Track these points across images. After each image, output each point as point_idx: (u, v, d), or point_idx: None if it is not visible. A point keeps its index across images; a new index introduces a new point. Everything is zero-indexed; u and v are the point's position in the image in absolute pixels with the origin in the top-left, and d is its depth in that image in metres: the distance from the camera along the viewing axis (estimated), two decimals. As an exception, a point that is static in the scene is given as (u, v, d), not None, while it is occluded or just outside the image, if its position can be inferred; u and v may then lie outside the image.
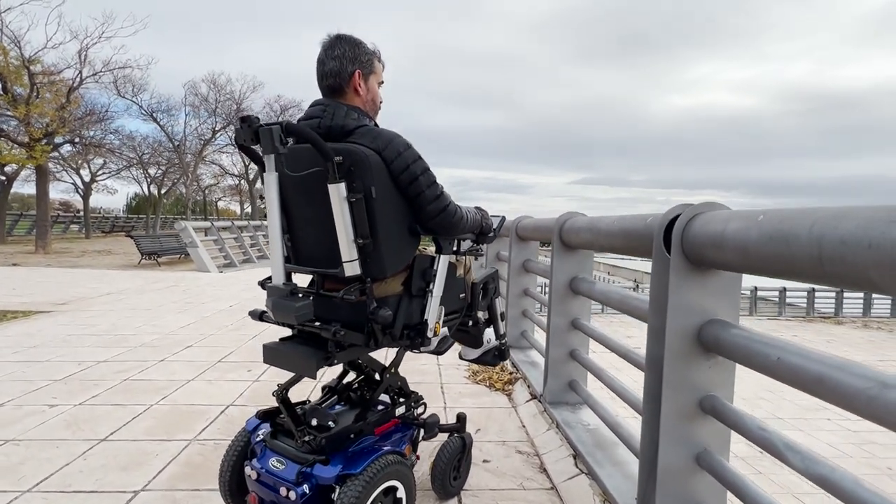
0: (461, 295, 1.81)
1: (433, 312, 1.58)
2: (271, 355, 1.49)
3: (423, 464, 1.84)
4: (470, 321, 1.90)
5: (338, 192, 1.32)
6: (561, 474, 1.93)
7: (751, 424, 1.18)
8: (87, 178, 27.06)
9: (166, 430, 2.28)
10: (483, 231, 1.79)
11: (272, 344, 1.51)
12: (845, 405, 0.89)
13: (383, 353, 1.59)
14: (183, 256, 12.63)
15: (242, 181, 31.24)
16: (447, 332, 1.72)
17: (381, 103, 1.63)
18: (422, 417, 1.72)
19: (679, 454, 1.37)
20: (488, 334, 2.05)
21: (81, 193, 27.31)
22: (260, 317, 1.54)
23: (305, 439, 1.38)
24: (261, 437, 1.49)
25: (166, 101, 24.69)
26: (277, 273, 1.42)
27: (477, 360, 2.10)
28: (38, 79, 15.34)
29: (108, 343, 3.89)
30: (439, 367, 3.41)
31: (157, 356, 3.52)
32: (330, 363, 1.42)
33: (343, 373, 1.75)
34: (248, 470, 1.43)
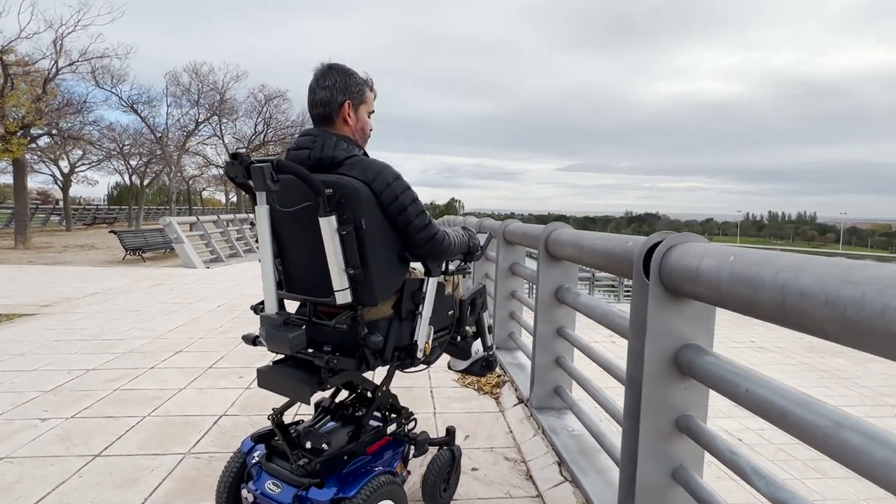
0: (450, 312, 1.86)
1: (423, 333, 1.63)
2: (265, 380, 1.53)
3: (414, 474, 1.91)
4: (458, 336, 1.96)
5: (329, 224, 1.35)
6: (546, 482, 2.01)
7: (722, 447, 1.25)
8: (67, 170, 26.44)
9: (160, 443, 2.31)
10: (470, 251, 1.84)
11: (266, 368, 1.55)
12: (805, 439, 0.96)
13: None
14: (168, 251, 12.49)
15: (227, 172, 30.75)
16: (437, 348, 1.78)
17: (370, 131, 1.65)
18: (412, 433, 1.78)
19: (656, 469, 1.44)
20: (476, 346, 2.11)
21: (61, 185, 26.70)
22: (253, 342, 1.57)
23: (300, 463, 1.43)
24: (256, 459, 1.54)
25: (147, 92, 24.12)
26: (270, 302, 1.45)
27: (465, 371, 2.17)
28: (12, 69, 14.87)
29: (97, 349, 3.88)
30: (428, 370, 3.47)
31: (147, 363, 3.53)
32: (323, 388, 1.47)
33: (336, 390, 1.80)
34: (244, 493, 1.48)
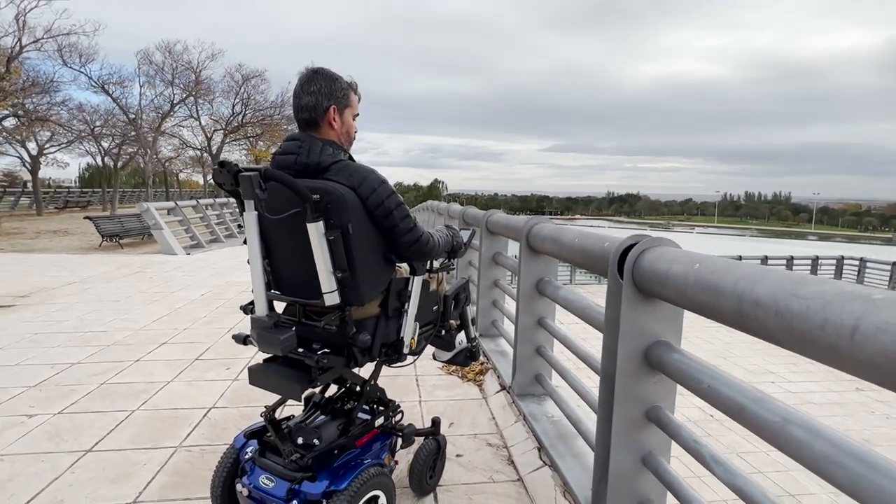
0: (434, 307, 1.93)
1: (409, 330, 1.70)
2: (257, 378, 1.59)
3: (402, 461, 1.99)
4: (443, 330, 2.03)
5: (317, 230, 1.39)
6: (526, 466, 2.12)
7: (686, 436, 1.36)
8: (35, 152, 25.46)
9: (151, 437, 2.35)
10: (454, 248, 1.90)
11: (257, 367, 1.60)
12: (758, 433, 1.06)
13: (362, 370, 1.70)
14: (146, 237, 12.26)
15: (205, 154, 30.04)
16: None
17: (355, 133, 1.68)
18: (400, 425, 1.86)
19: (627, 455, 1.55)
20: (460, 337, 2.19)
21: (29, 167, 25.74)
22: (244, 341, 1.61)
23: (293, 458, 1.50)
24: (249, 454, 1.60)
25: (118, 72, 23.24)
26: (260, 304, 1.49)
27: (449, 361, 2.25)
28: (-28, 46, 14.17)
29: (80, 342, 3.86)
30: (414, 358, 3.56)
31: (132, 355, 3.53)
32: (313, 385, 1.53)
33: (325, 385, 1.86)
34: (239, 487, 1.54)
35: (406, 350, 1.71)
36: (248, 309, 1.62)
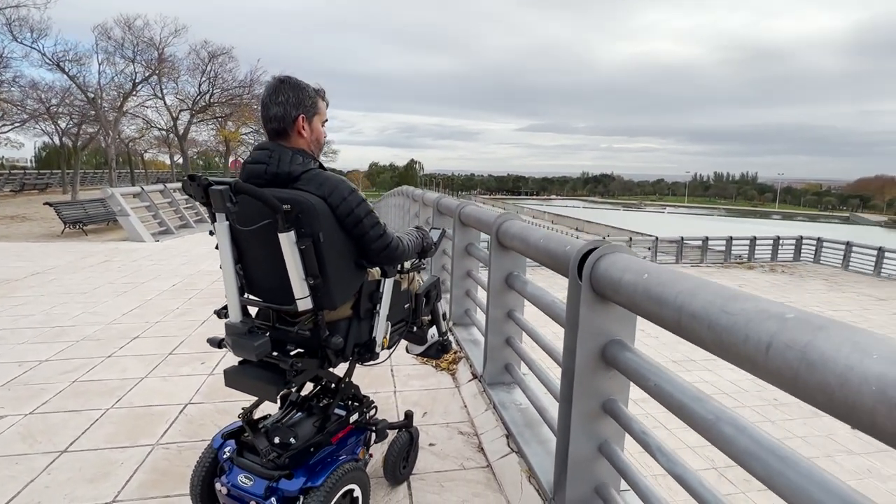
0: (406, 305, 2.00)
1: (380, 330, 1.77)
2: (232, 380, 1.63)
3: (376, 453, 2.08)
4: (414, 326, 2.11)
5: (288, 239, 1.43)
6: (495, 453, 2.24)
7: (636, 427, 1.48)
8: (-14, 132, 24.09)
9: (127, 435, 2.38)
10: (424, 249, 1.97)
11: (232, 369, 1.65)
12: (695, 428, 1.18)
13: (336, 371, 1.76)
14: (111, 223, 11.88)
15: (171, 135, 28.93)
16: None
17: (325, 138, 1.71)
18: (374, 419, 1.94)
19: (585, 443, 1.67)
20: (432, 332, 2.27)
21: (-20, 148, 24.35)
22: (219, 345, 1.65)
23: (270, 457, 1.56)
24: (227, 454, 1.65)
25: (74, 48, 22.00)
26: (234, 310, 1.54)
27: (422, 355, 2.34)
28: None
29: (47, 337, 3.80)
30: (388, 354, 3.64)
31: (104, 351, 3.50)
32: (289, 386, 1.59)
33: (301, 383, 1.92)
34: (218, 486, 1.60)
35: (378, 349, 1.78)
36: (221, 313, 1.65)
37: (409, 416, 2.11)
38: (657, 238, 16.91)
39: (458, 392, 2.95)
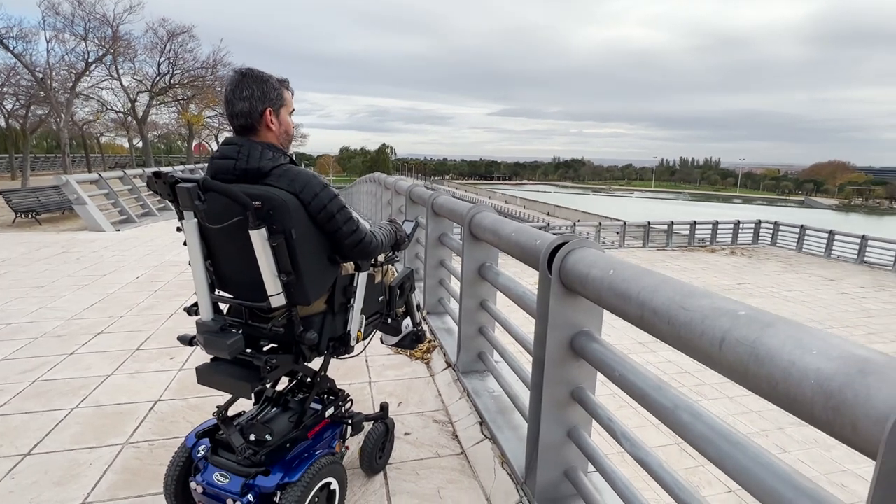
0: (380, 298, 2.02)
1: (355, 323, 1.78)
2: (205, 377, 1.61)
3: (352, 444, 2.11)
4: (389, 318, 2.13)
5: (259, 236, 1.42)
6: (469, 440, 2.31)
7: (602, 415, 1.55)
8: (-79, 114, 22.41)
9: (95, 435, 2.33)
10: (398, 242, 1.98)
11: (204, 366, 1.62)
12: (656, 416, 1.25)
13: (311, 367, 1.77)
14: (67, 211, 11.33)
15: (129, 117, 27.56)
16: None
17: (294, 128, 1.69)
18: (349, 412, 1.96)
19: (555, 429, 1.75)
20: (406, 323, 2.29)
21: (-84, 132, 22.66)
22: (190, 342, 1.63)
23: (246, 455, 1.56)
24: (202, 453, 1.65)
25: (18, 24, 20.53)
26: (205, 308, 1.52)
27: (396, 345, 2.36)
28: None
29: (3, 335, 3.64)
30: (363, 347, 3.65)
31: (65, 348, 3.39)
32: (263, 383, 1.58)
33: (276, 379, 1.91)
34: (193, 485, 1.59)
35: (353, 343, 1.79)
36: (192, 311, 1.63)
37: (384, 407, 2.14)
38: (625, 223, 17.34)
39: (432, 381, 3.00)
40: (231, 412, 1.71)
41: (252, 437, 1.61)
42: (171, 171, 1.49)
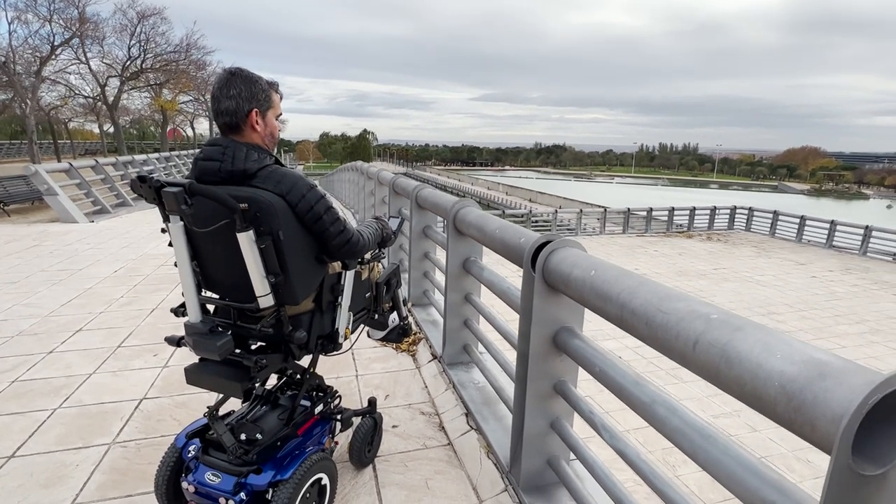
0: (367, 294, 2.04)
1: (343, 321, 1.81)
2: (194, 377, 1.62)
3: (342, 438, 2.15)
4: (376, 314, 2.16)
5: (247, 238, 1.42)
6: (455, 431, 2.37)
7: (584, 407, 1.62)
8: None
9: (80, 436, 2.31)
10: (384, 239, 2.00)
11: (193, 366, 1.63)
12: (635, 410, 1.32)
13: (300, 366, 1.79)
14: (37, 202, 10.97)
15: (99, 102, 26.58)
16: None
17: (280, 131, 1.69)
18: (338, 408, 1.99)
19: (539, 421, 1.81)
20: (392, 317, 2.33)
21: None
22: (178, 343, 1.63)
23: (237, 454, 1.59)
24: (192, 453, 1.66)
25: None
26: (193, 309, 1.52)
27: (383, 339, 2.40)
28: None
29: (-23, 334, 3.55)
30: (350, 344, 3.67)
31: (44, 347, 3.33)
32: (253, 382, 1.60)
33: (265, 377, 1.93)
34: (184, 485, 1.61)
35: (341, 340, 1.81)
36: (179, 312, 1.63)
37: (372, 402, 2.18)
38: (606, 209, 17.59)
39: (418, 373, 3.05)
40: (221, 412, 1.73)
41: (243, 436, 1.63)
42: (155, 174, 1.48)
